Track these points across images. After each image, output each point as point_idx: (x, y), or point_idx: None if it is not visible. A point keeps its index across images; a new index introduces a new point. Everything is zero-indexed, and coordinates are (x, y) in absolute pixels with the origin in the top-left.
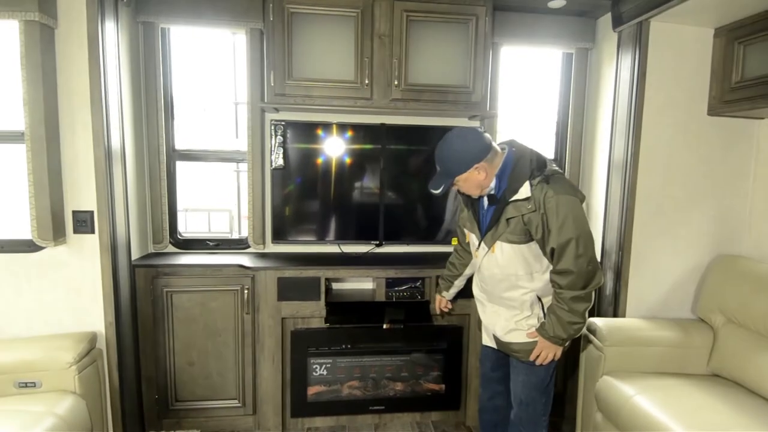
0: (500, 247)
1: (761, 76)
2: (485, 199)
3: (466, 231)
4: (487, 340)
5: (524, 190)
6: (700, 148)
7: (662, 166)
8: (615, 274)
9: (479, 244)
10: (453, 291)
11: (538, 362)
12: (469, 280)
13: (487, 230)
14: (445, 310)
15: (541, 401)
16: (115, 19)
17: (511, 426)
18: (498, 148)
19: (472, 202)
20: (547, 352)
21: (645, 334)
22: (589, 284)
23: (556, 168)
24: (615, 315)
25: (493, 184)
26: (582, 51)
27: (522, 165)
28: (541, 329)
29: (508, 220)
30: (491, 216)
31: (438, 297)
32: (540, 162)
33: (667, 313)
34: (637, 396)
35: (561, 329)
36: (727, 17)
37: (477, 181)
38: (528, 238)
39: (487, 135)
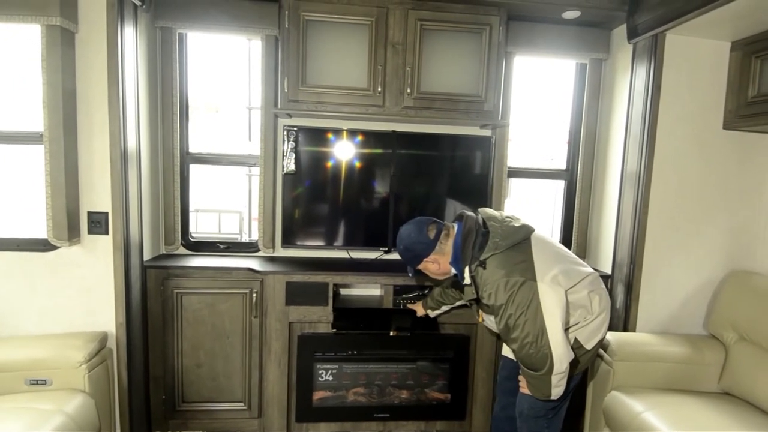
0: (485, 316)
1: None
2: None
3: None
4: (507, 351)
5: (466, 277)
6: (714, 161)
7: (676, 179)
8: (626, 288)
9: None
10: (438, 312)
11: (521, 390)
12: None
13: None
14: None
15: (546, 417)
16: (134, 24)
17: None
18: (448, 229)
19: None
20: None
21: (655, 350)
22: (539, 370)
23: (500, 241)
24: (625, 329)
25: (453, 270)
26: (596, 62)
27: (465, 249)
28: None
29: (469, 301)
30: None
31: (421, 309)
32: (483, 239)
33: (678, 329)
34: (645, 413)
35: (530, 386)
36: (744, 31)
37: (433, 270)
38: None
39: (435, 225)
